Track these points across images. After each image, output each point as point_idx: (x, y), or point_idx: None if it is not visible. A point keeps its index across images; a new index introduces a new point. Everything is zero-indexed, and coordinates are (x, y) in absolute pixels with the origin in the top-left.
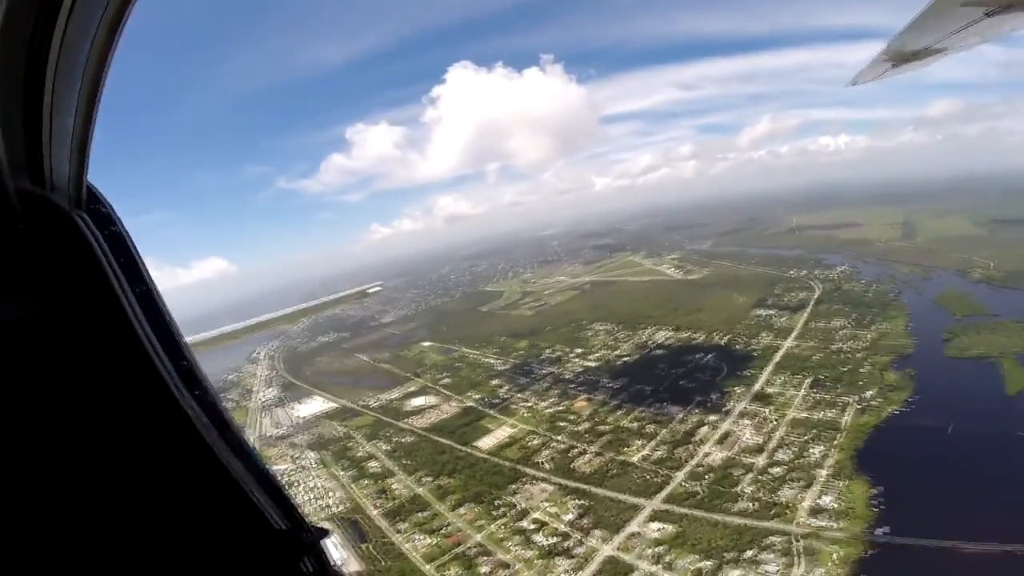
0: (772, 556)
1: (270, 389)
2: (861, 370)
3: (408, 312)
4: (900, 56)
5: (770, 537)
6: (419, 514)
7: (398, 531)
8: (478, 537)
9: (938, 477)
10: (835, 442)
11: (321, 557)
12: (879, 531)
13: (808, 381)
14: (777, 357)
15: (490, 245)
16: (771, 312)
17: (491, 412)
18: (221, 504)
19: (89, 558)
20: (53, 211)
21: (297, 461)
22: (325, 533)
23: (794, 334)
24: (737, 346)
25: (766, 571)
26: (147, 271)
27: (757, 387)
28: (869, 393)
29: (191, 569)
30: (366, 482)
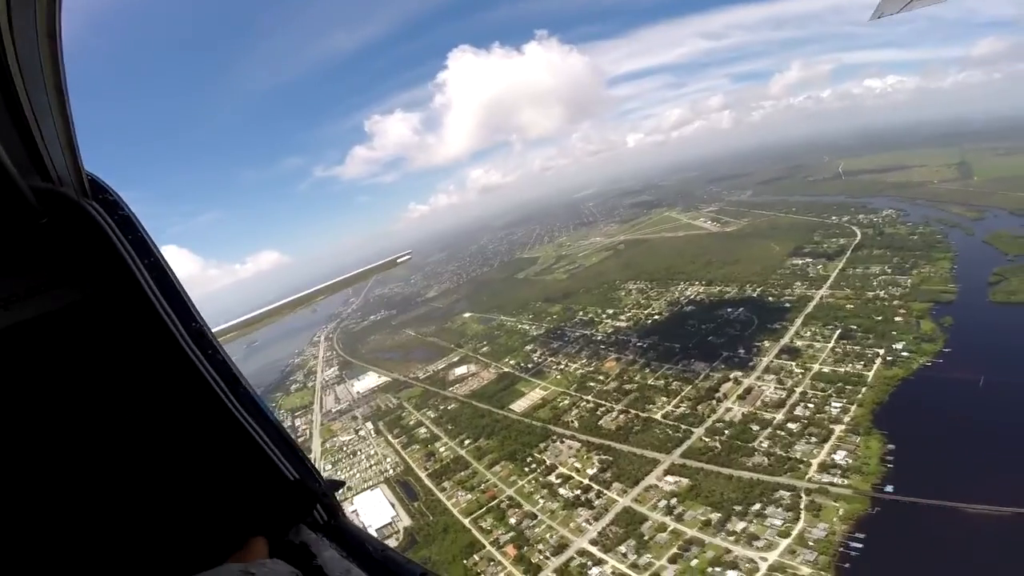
0: (778, 510)
1: (331, 369)
2: (896, 319)
3: (450, 285)
4: None
5: (779, 492)
6: (461, 473)
7: (442, 489)
8: (510, 492)
9: (959, 433)
10: (858, 397)
11: (333, 507)
12: (887, 488)
13: (837, 333)
14: (809, 308)
15: (525, 212)
16: (807, 261)
17: (525, 376)
18: (236, 456)
19: (125, 501)
20: (67, 203)
21: (358, 432)
22: (338, 485)
23: (828, 283)
24: (769, 298)
25: (771, 524)
26: (155, 246)
27: (785, 340)
28: (900, 344)
29: (211, 515)
30: (416, 447)
